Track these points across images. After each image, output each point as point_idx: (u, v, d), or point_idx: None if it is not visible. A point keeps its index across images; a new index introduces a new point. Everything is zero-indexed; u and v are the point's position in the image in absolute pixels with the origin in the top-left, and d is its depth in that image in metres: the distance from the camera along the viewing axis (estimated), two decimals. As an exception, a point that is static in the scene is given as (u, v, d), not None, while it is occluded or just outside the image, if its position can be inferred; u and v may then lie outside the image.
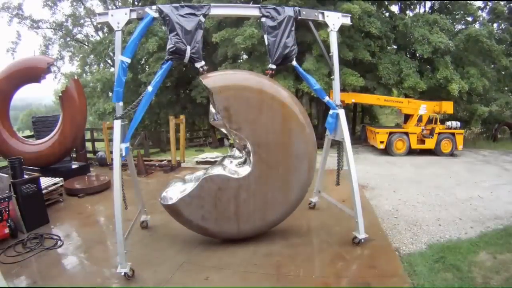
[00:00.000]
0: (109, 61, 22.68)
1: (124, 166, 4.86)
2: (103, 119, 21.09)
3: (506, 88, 17.53)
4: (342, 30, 4.83)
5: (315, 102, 17.51)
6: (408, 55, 15.81)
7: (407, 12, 17.63)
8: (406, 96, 14.67)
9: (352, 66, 14.43)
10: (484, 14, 16.94)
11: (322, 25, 4.89)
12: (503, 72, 16.22)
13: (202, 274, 3.79)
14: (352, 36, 13.91)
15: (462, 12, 16.42)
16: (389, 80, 14.04)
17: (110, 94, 20.01)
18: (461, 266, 3.89)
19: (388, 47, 15.59)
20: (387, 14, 16.01)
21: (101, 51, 19.78)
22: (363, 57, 13.81)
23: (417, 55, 15.46)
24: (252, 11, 4.64)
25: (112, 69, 20.36)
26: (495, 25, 16.44)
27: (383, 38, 14.46)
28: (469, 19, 16.83)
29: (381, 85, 14.68)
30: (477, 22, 16.15)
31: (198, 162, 10.41)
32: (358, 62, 14.67)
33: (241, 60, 16.88)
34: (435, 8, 17.10)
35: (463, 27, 16.39)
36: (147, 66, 16.63)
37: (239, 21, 14.11)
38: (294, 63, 4.43)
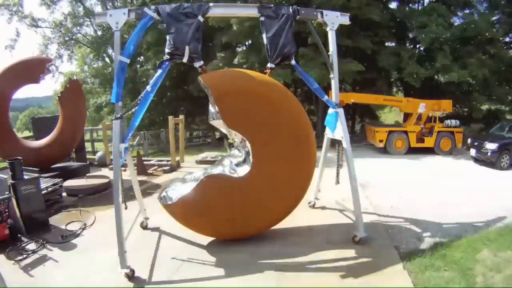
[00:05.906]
0: (108, 60, 22.66)
1: (123, 166, 4.85)
2: (101, 112, 21.23)
3: (504, 82, 17.45)
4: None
5: (314, 100, 17.54)
6: (407, 45, 15.86)
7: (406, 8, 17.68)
8: (406, 87, 14.68)
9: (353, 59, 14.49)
10: (482, 9, 16.91)
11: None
12: (503, 68, 16.13)
13: (202, 274, 3.79)
14: (352, 28, 13.98)
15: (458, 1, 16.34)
16: (390, 73, 14.08)
17: (109, 94, 20.07)
18: (462, 264, 3.88)
19: (388, 40, 15.62)
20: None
21: (100, 45, 19.80)
22: (364, 42, 13.76)
23: (417, 46, 15.48)
24: (251, 10, 4.62)
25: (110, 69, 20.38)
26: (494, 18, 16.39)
27: (383, 27, 14.46)
28: (467, 11, 16.80)
29: (382, 77, 14.66)
30: (475, 13, 16.09)
31: (197, 162, 10.41)
32: (359, 56, 14.67)
33: (238, 50, 16.97)
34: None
35: (461, 20, 16.37)
36: (145, 64, 16.65)
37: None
38: (293, 62, 4.42)
